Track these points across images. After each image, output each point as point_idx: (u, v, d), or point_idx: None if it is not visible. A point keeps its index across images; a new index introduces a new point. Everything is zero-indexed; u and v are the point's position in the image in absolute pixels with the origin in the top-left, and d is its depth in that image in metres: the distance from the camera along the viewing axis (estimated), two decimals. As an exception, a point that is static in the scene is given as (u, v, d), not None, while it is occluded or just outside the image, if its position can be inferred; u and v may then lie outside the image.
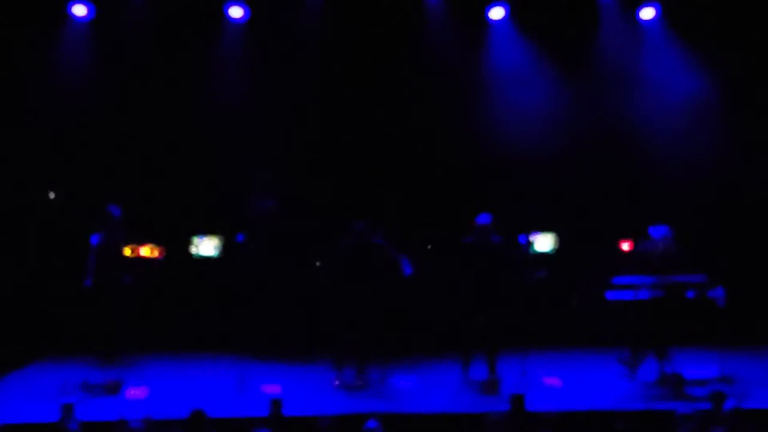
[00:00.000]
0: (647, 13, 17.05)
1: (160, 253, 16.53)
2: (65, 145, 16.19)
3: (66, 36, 16.29)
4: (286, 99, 16.60)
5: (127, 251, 15.37)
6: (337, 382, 14.17)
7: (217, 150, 16.46)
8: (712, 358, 14.22)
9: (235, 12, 16.63)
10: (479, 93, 16.98)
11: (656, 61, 17.09)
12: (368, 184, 16.74)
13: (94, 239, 14.07)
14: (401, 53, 16.85)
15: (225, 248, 16.55)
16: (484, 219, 14.16)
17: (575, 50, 17.03)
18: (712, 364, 14.20)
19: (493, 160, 16.80)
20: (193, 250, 16.76)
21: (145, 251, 16.17)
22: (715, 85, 16.94)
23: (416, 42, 16.87)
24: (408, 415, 12.95)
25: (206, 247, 16.79)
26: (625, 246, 16.41)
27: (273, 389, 13.69)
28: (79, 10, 16.23)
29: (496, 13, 16.92)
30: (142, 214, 15.64)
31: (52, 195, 16.41)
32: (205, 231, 16.76)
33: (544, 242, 17.11)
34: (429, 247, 16.27)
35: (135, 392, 13.79)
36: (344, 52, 16.83)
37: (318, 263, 15.73)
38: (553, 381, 14.25)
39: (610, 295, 14.21)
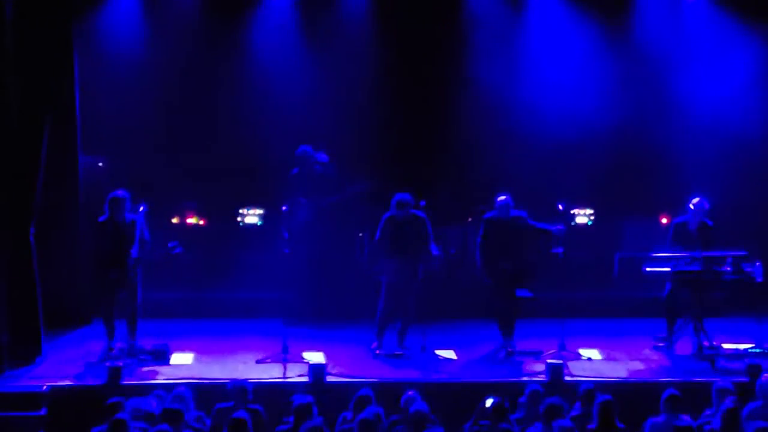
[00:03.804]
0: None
1: (204, 223, 16.79)
2: (113, 117, 16.40)
3: (117, 10, 16.52)
4: (331, 73, 16.74)
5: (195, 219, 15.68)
6: (378, 350, 14.36)
7: (263, 121, 16.64)
8: (749, 332, 14.25)
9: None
10: (520, 67, 17.03)
11: (698, 34, 17.05)
12: (412, 158, 16.88)
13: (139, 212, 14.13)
14: (445, 29, 16.99)
15: (269, 218, 16.74)
16: (502, 197, 14.34)
17: (616, 23, 17.03)
18: (749, 337, 14.23)
19: (533, 134, 16.86)
20: (239, 219, 16.99)
21: (192, 220, 16.42)
22: (757, 58, 16.92)
23: (460, 19, 17.01)
24: (448, 384, 13.11)
25: (251, 216, 17.03)
26: (665, 220, 16.48)
27: (315, 356, 13.89)
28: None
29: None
30: (191, 184, 15.88)
31: (100, 164, 16.63)
32: (251, 201, 16.97)
33: (582, 215, 17.28)
34: (470, 219, 16.37)
35: (180, 358, 14.04)
36: (389, 28, 16.96)
37: (361, 234, 15.90)
38: (590, 352, 14.37)
39: (648, 268, 14.31)
